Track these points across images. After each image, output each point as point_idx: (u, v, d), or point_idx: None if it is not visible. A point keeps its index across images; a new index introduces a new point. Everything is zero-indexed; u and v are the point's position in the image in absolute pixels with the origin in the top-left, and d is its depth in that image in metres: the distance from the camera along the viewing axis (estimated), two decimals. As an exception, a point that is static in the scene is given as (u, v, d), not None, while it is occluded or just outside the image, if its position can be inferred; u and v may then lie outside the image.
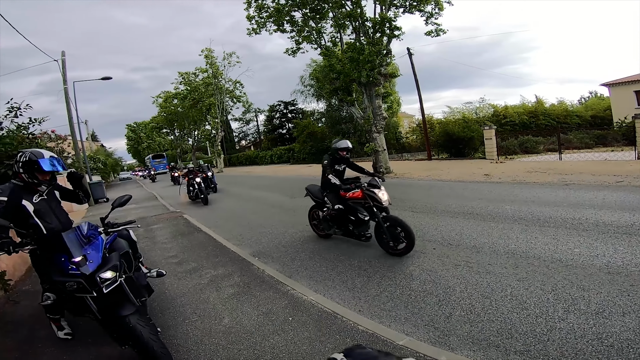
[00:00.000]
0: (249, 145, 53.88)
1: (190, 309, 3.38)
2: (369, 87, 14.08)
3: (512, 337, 2.47)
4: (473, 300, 3.05)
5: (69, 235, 2.43)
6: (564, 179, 8.45)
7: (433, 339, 2.57)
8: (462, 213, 6.11)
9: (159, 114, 41.06)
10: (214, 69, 32.16)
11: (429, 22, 13.66)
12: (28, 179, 2.64)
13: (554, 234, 4.48)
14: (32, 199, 2.66)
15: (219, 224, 7.62)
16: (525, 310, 2.79)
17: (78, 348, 2.82)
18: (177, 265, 4.84)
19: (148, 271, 3.44)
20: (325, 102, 34.70)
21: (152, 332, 2.32)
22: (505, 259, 3.86)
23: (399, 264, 4.07)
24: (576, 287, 3.06)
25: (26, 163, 2.59)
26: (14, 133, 6.36)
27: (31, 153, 2.64)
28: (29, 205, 2.61)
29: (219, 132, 34.08)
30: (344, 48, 14.50)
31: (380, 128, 14.27)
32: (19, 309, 3.79)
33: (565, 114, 23.76)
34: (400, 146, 27.79)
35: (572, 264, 3.54)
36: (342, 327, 2.77)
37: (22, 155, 2.63)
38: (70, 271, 2.28)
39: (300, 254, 4.88)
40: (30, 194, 2.67)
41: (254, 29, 15.42)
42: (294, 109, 42.19)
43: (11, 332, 3.24)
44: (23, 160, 2.60)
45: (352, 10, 13.24)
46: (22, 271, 5.08)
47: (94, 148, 37.06)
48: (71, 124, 15.37)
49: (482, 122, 20.16)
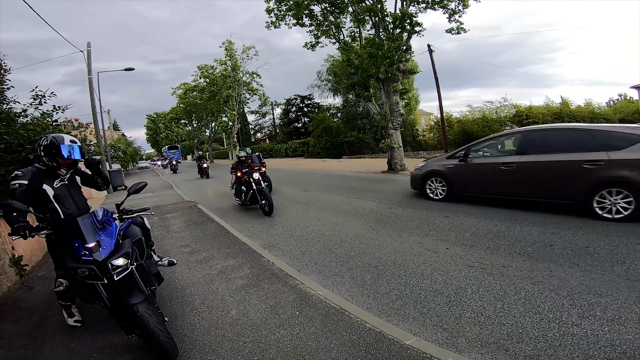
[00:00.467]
0: (264, 137, 54.25)
1: (199, 299, 3.41)
2: (387, 83, 13.87)
3: (523, 341, 2.40)
4: (484, 302, 2.97)
5: (84, 221, 2.47)
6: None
7: (441, 340, 2.51)
8: (478, 214, 5.95)
9: (178, 105, 41.79)
10: (233, 62, 32.41)
11: (451, 19, 13.31)
12: (49, 162, 2.68)
13: (572, 238, 4.31)
14: (53, 183, 2.69)
15: (231, 214, 7.69)
16: (538, 315, 2.71)
17: (86, 335, 2.88)
18: (188, 255, 4.90)
19: (159, 259, 3.48)
20: (342, 97, 34.55)
21: (159, 321, 2.34)
22: (522, 262, 3.74)
23: (410, 262, 4.00)
24: (593, 293, 2.96)
25: (47, 146, 2.64)
26: (37, 120, 6.56)
27: (53, 137, 2.68)
28: (49, 189, 2.65)
29: (235, 124, 34.40)
30: (363, 43, 14.30)
31: (396, 125, 14.07)
32: (33, 294, 3.89)
33: (592, 116, 22.88)
34: (417, 144, 27.42)
35: (591, 270, 3.42)
36: (349, 324, 2.74)
37: (44, 139, 2.67)
38: (83, 257, 2.31)
39: (310, 248, 4.87)
40: (52, 178, 2.71)
41: (273, 22, 15.36)
42: (310, 103, 42.16)
43: (23, 318, 3.32)
44: (44, 144, 2.65)
45: (372, 5, 13.02)
46: (38, 257, 5.21)
47: (115, 137, 38.02)
48: (94, 113, 15.80)
49: (503, 121, 19.62)
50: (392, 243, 4.77)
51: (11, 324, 3.22)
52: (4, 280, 4.01)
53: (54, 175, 2.74)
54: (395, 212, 6.67)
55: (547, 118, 21.57)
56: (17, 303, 3.69)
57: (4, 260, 4.09)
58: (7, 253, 4.19)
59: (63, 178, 2.78)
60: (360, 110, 32.22)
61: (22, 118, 6.11)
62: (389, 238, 5.00)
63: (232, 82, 32.56)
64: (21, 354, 2.69)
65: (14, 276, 4.22)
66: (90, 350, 2.65)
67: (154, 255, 3.51)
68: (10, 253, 4.26)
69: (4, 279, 4.01)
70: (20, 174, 2.55)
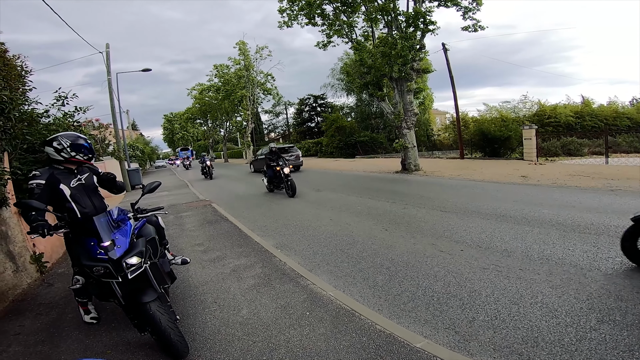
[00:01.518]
0: (277, 137, 54.52)
1: (211, 298, 3.45)
2: (401, 82, 13.73)
3: (538, 346, 2.32)
4: (499, 306, 2.89)
5: (100, 220, 2.52)
6: (610, 184, 7.84)
7: (452, 343, 2.45)
8: (494, 215, 5.83)
9: (193, 105, 42.50)
10: (246, 62, 32.73)
11: (466, 17, 13.07)
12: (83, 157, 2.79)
13: (595, 242, 4.17)
14: (70, 183, 2.75)
15: (245, 214, 7.76)
16: (555, 319, 2.63)
17: (101, 332, 2.94)
18: (202, 254, 4.97)
19: (173, 258, 3.54)
20: (355, 96, 34.41)
21: (170, 319, 2.37)
22: (539, 265, 3.64)
23: (423, 264, 3.94)
24: (614, 297, 2.85)
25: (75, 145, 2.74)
26: (60, 120, 6.77)
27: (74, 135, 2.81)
28: (65, 189, 2.70)
29: (249, 123, 34.72)
30: (376, 42, 14.20)
31: (410, 124, 13.92)
32: (52, 291, 4.01)
33: (615, 115, 21.96)
34: (431, 143, 27.08)
35: (612, 273, 3.29)
36: (359, 326, 2.72)
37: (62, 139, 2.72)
38: (98, 255, 2.36)
39: (322, 248, 4.86)
40: (68, 178, 2.76)
41: (285, 22, 15.42)
42: (323, 102, 42.17)
43: (42, 315, 3.41)
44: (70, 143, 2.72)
45: (384, 4, 12.90)
46: (59, 254, 5.36)
47: (134, 137, 39.08)
48: (113, 114, 16.22)
49: (522, 121, 19.12)
50: (405, 244, 4.71)
51: (30, 320, 3.32)
52: (25, 277, 4.15)
53: (70, 175, 2.80)
54: (409, 212, 6.59)
55: (569, 119, 20.89)
56: (36, 299, 3.81)
57: (24, 257, 4.23)
58: (28, 250, 4.33)
59: (80, 177, 2.84)
60: (374, 110, 32.06)
61: (44, 118, 6.32)
62: (401, 239, 4.94)
63: (245, 82, 32.88)
64: (38, 350, 2.77)
65: (34, 273, 4.35)
66: (104, 347, 2.71)
67: (168, 253, 3.57)
68: (31, 250, 4.40)
69: (24, 275, 4.15)
70: (37, 174, 2.62)
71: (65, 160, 2.74)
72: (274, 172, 10.08)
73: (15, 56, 4.81)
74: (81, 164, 2.87)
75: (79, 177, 2.84)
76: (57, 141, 2.72)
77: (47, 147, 2.73)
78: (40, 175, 2.61)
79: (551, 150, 16.24)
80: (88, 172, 2.93)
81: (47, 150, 2.73)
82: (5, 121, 3.95)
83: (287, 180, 9.61)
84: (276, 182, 10.33)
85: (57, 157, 2.72)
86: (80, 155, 2.77)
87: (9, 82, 4.08)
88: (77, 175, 2.84)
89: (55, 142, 2.71)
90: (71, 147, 2.73)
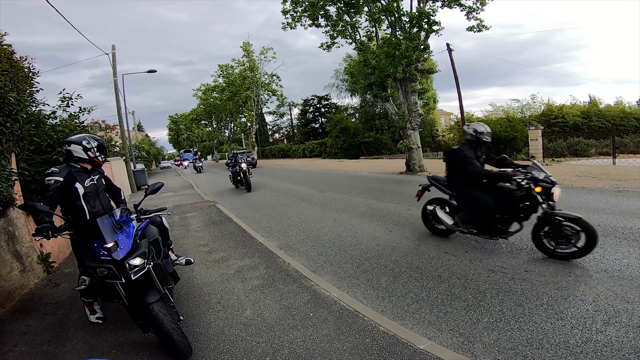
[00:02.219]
0: (282, 138, 54.66)
1: (215, 299, 3.46)
2: (405, 83, 13.71)
3: (542, 348, 2.31)
4: (504, 307, 2.87)
5: (104, 221, 2.54)
6: (617, 185, 7.75)
7: (456, 345, 2.44)
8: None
9: (198, 106, 42.72)
10: (251, 63, 32.83)
11: (470, 17, 13.02)
12: (103, 160, 2.95)
13: (602, 243, 4.10)
14: (85, 182, 2.82)
15: (249, 215, 7.78)
16: (560, 321, 2.61)
17: (106, 332, 2.96)
18: (206, 254, 4.99)
19: (177, 258, 3.56)
20: (360, 97, 34.36)
21: (173, 320, 2.38)
22: (545, 267, 3.61)
23: (428, 265, 3.93)
24: (620, 299, 2.83)
25: (101, 147, 2.92)
26: (66, 121, 6.85)
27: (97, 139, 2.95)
28: (80, 188, 2.77)
29: (253, 124, 34.82)
30: (380, 43, 14.18)
31: (415, 125, 13.87)
32: (59, 291, 4.04)
33: (622, 115, 21.75)
34: (436, 144, 26.92)
35: (619, 275, 3.26)
36: (363, 327, 2.71)
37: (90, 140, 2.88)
38: (101, 257, 2.39)
39: (327, 249, 4.86)
40: (84, 177, 2.84)
41: (289, 24, 15.47)
42: (327, 103, 42.18)
43: (48, 314, 3.44)
44: (97, 145, 2.89)
45: (388, 4, 12.88)
46: (66, 254, 5.40)
47: (140, 137, 39.31)
48: (119, 115, 16.37)
49: (528, 121, 18.98)
50: (410, 245, 4.69)
51: (36, 319, 3.35)
52: (32, 277, 4.19)
53: (85, 174, 2.87)
54: (413, 213, 6.56)
55: (576, 118, 20.67)
56: (43, 299, 3.84)
57: (32, 258, 4.27)
58: (35, 250, 4.37)
59: (93, 178, 2.92)
60: (378, 111, 31.97)
61: (51, 120, 6.40)
62: (406, 240, 4.93)
63: (250, 83, 32.98)
64: (44, 350, 2.79)
65: (41, 273, 4.39)
66: (109, 347, 2.73)
67: (172, 254, 3.58)
68: (38, 250, 4.45)
69: (31, 275, 4.19)
70: (56, 171, 2.67)
71: (87, 159, 2.84)
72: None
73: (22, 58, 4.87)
74: (97, 165, 2.99)
75: (92, 178, 2.92)
76: (86, 140, 2.85)
77: (74, 145, 2.81)
78: (58, 173, 2.66)
79: (557, 150, 16.11)
80: (98, 175, 3.00)
81: (73, 148, 2.81)
82: (12, 123, 3.99)
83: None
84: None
85: (82, 155, 2.81)
86: (102, 157, 2.94)
87: (16, 83, 4.12)
88: (90, 175, 2.91)
89: (85, 141, 2.83)
90: (97, 148, 2.88)
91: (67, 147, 2.81)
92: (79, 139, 2.83)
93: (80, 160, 2.83)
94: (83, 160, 2.83)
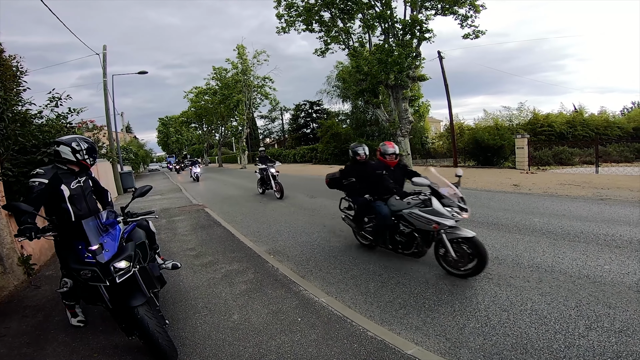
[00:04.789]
0: (273, 143, 54.51)
1: (202, 303, 3.42)
2: (396, 89, 13.89)
3: (527, 352, 2.36)
4: (489, 313, 2.92)
5: (89, 223, 2.50)
6: (600, 193, 7.96)
7: (443, 350, 2.47)
8: (486, 223, 5.88)
9: (189, 109, 42.37)
10: (244, 66, 32.78)
11: (464, 25, 13.30)
12: (91, 163, 2.87)
13: (584, 250, 4.22)
14: (70, 184, 2.75)
15: (238, 219, 7.73)
16: (544, 326, 2.66)
17: (88, 335, 2.90)
18: (194, 258, 4.93)
19: (163, 262, 3.51)
20: (351, 103, 34.57)
21: (158, 324, 2.35)
22: (529, 272, 3.68)
23: (416, 272, 3.96)
24: (602, 304, 2.91)
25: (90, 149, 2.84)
26: (53, 122, 6.71)
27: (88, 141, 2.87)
28: (66, 190, 2.70)
29: (245, 128, 34.67)
30: (372, 49, 14.36)
31: (405, 132, 14.04)
32: (39, 293, 3.95)
33: (606, 124, 22.37)
34: (426, 151, 27.24)
35: (601, 281, 3.35)
36: (351, 332, 2.72)
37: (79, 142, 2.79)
38: (86, 259, 2.35)
39: (315, 254, 4.86)
40: (70, 179, 2.77)
41: (283, 28, 15.56)
42: (319, 109, 42.27)
43: (28, 317, 3.35)
44: (86, 147, 2.80)
45: (382, 12, 13.09)
46: (47, 256, 5.28)
47: (128, 139, 38.70)
48: (107, 116, 16.10)
49: (516, 129, 19.37)
50: (398, 251, 4.72)
51: (15, 322, 3.26)
52: (12, 279, 4.08)
53: (72, 176, 2.80)
54: (402, 219, 6.61)
55: (562, 128, 21.20)
56: (23, 302, 3.74)
57: (12, 259, 4.16)
58: (15, 252, 4.26)
59: (79, 180, 2.85)
60: (370, 117, 32.18)
61: (37, 119, 6.26)
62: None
63: (242, 87, 32.90)
64: (23, 352, 2.72)
65: (21, 275, 4.28)
66: (91, 351, 2.67)
67: (158, 258, 3.54)
68: (19, 252, 4.34)
69: (11, 277, 4.08)
70: (41, 172, 2.60)
71: (75, 162, 2.77)
72: None
73: (11, 57, 4.78)
74: (85, 168, 2.91)
75: (79, 180, 2.85)
76: (76, 142, 2.78)
77: (63, 146, 2.74)
78: (44, 174, 2.59)
79: (543, 159, 16.45)
80: (85, 176, 2.95)
81: (62, 149, 2.74)
82: (-3, 121, 3.91)
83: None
84: None
85: (70, 157, 2.75)
86: (90, 160, 2.86)
87: (4, 82, 4.05)
88: (77, 177, 2.84)
89: (74, 143, 2.76)
90: (87, 151, 2.81)
91: (56, 148, 2.75)
92: (68, 140, 2.76)
93: (67, 162, 2.76)
94: (71, 162, 2.77)
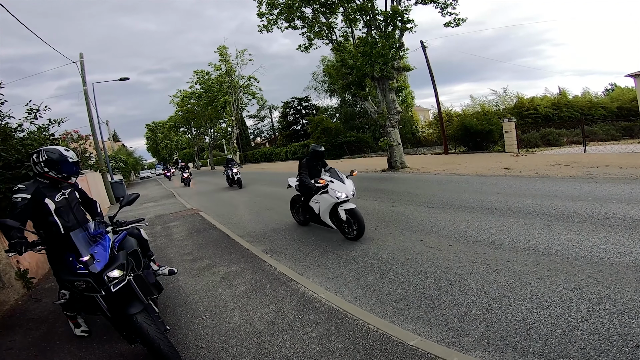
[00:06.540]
0: (264, 142, 54.27)
1: (202, 307, 3.39)
2: (382, 81, 13.86)
3: (531, 338, 2.35)
4: (490, 299, 2.92)
5: (78, 235, 2.45)
6: (589, 172, 8.08)
7: (446, 339, 2.47)
8: (480, 208, 5.92)
9: (176, 114, 41.84)
10: (227, 67, 32.44)
11: (444, 13, 13.28)
12: (57, 175, 2.62)
13: (579, 230, 4.27)
14: (55, 197, 2.65)
15: (234, 220, 7.67)
16: (546, 310, 2.66)
17: (93, 345, 2.88)
18: (191, 263, 4.88)
19: (159, 268, 3.47)
20: (339, 97, 34.55)
21: (158, 330, 2.33)
22: (526, 256, 3.70)
23: (413, 261, 3.96)
24: (601, 286, 2.90)
25: (50, 162, 2.57)
26: (34, 134, 6.54)
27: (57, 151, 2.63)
28: (50, 203, 2.60)
29: (234, 129, 34.40)
30: (356, 42, 14.30)
31: (394, 122, 14.04)
32: (41, 306, 3.91)
33: (590, 105, 22.69)
34: (416, 140, 27.38)
35: (598, 261, 3.36)
36: (352, 327, 2.71)
37: (42, 154, 2.58)
38: (78, 270, 2.30)
39: (313, 250, 4.84)
40: (53, 192, 2.66)
41: (265, 26, 15.38)
42: (307, 105, 42.19)
43: (32, 330, 3.33)
44: (45, 160, 2.57)
45: (362, 4, 13.01)
46: (45, 269, 5.22)
47: (116, 148, 38.12)
48: (92, 125, 15.78)
49: (503, 114, 19.54)
50: (395, 242, 4.73)
51: (20, 335, 3.24)
52: (11, 293, 4.06)
53: (55, 189, 2.70)
54: (397, 210, 6.64)
55: (547, 110, 21.44)
56: (25, 315, 3.71)
57: (9, 274, 4.14)
58: (12, 267, 4.23)
59: (64, 192, 2.76)
60: (358, 110, 32.21)
61: (18, 133, 6.10)
62: (390, 237, 4.97)
63: (228, 88, 32.57)
64: None
65: (21, 289, 4.26)
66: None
67: (154, 264, 3.50)
68: (15, 267, 4.30)
69: (10, 291, 4.05)
70: (23, 188, 2.50)
71: (39, 174, 2.63)
72: None
73: (-17, 70, 4.63)
74: (57, 182, 2.73)
75: (63, 192, 2.75)
76: (37, 154, 2.61)
77: (31, 159, 2.62)
78: (25, 190, 2.49)
79: (531, 141, 16.66)
80: (70, 188, 2.85)
81: (31, 163, 2.64)
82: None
83: None
84: None
85: (33, 169, 2.63)
86: (54, 172, 2.61)
87: (-21, 96, 3.92)
88: (62, 190, 2.74)
89: (35, 155, 2.61)
90: (45, 163, 2.58)
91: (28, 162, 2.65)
92: (34, 153, 2.61)
93: (41, 175, 2.62)
94: (42, 174, 2.61)
